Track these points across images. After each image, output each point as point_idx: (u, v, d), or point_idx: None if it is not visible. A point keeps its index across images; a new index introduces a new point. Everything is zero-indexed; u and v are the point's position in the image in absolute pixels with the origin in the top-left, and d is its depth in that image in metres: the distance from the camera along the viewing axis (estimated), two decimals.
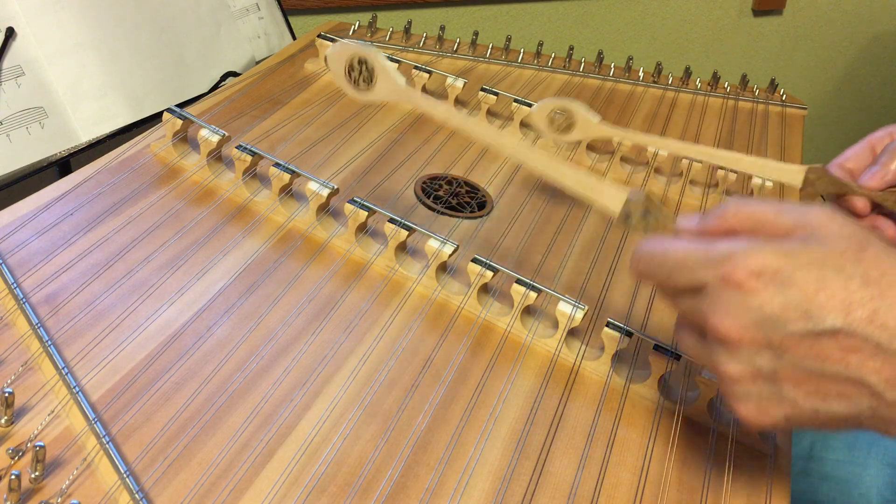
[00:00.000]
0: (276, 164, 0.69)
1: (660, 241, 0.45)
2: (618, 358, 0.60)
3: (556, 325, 0.61)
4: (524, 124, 0.90)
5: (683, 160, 0.85)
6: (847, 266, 0.39)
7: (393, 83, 0.55)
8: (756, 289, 0.40)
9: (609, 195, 0.50)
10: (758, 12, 1.64)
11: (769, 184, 0.83)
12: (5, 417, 0.48)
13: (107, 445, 0.47)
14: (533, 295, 0.61)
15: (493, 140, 0.55)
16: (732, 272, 0.40)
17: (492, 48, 1.06)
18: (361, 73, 0.55)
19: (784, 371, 0.41)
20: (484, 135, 0.56)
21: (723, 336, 0.41)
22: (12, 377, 0.51)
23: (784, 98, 1.12)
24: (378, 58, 0.54)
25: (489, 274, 0.62)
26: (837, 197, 0.64)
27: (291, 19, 1.05)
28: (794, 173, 0.65)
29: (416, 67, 0.91)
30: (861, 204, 0.64)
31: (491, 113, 0.90)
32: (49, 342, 0.53)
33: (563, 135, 0.71)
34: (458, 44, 1.06)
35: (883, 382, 0.40)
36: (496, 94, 0.89)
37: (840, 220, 0.42)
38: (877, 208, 0.64)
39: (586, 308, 0.60)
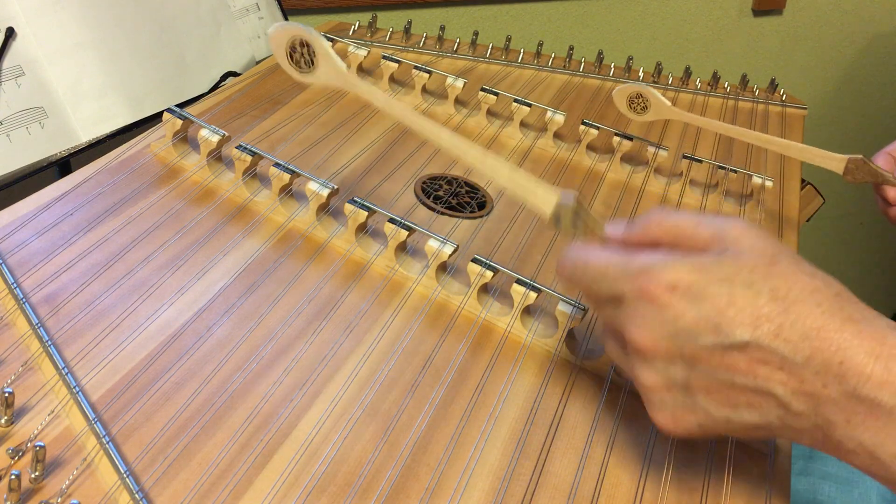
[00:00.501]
0: (276, 164, 0.69)
1: (584, 250, 0.47)
2: None
3: (556, 325, 0.61)
4: (524, 124, 0.90)
5: (683, 160, 0.85)
6: (757, 281, 0.41)
7: (334, 67, 0.55)
8: (670, 303, 0.42)
9: (541, 196, 0.51)
10: (758, 12, 1.64)
11: (769, 183, 0.83)
12: (5, 417, 0.48)
13: (107, 445, 0.47)
14: (533, 295, 0.61)
15: (429, 132, 0.55)
16: (648, 285, 0.42)
17: (492, 48, 1.06)
18: (303, 55, 0.56)
19: (696, 381, 0.43)
20: (420, 126, 0.56)
21: (639, 347, 0.43)
22: (12, 377, 0.51)
23: (784, 98, 1.12)
24: (319, 40, 0.55)
25: (489, 274, 0.62)
26: (875, 185, 0.69)
27: (291, 19, 1.05)
28: (836, 161, 0.71)
29: (415, 67, 0.91)
30: (893, 194, 0.69)
31: (491, 113, 0.90)
32: (49, 342, 0.53)
33: (640, 116, 0.81)
34: (458, 44, 1.06)
35: (789, 394, 0.41)
36: (496, 94, 0.89)
37: (754, 234, 0.43)
38: None
39: (586, 308, 0.60)
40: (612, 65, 1.09)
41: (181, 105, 0.80)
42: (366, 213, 0.66)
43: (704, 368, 0.42)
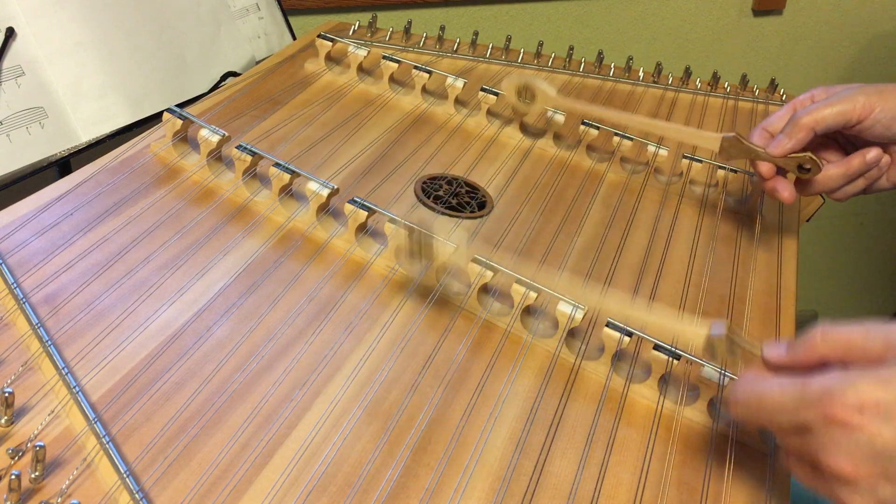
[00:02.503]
0: (276, 164, 0.69)
1: (753, 383, 0.46)
2: (618, 358, 0.60)
3: (556, 325, 0.61)
4: (524, 124, 0.90)
5: (683, 160, 0.85)
6: None
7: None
8: (862, 424, 0.41)
9: (690, 333, 0.52)
10: (758, 12, 1.63)
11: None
12: (5, 417, 0.48)
13: (107, 445, 0.47)
14: (533, 295, 0.61)
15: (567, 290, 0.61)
16: (834, 411, 0.41)
17: (492, 48, 1.06)
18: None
19: None
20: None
21: (840, 474, 0.42)
22: (12, 377, 0.51)
23: (784, 98, 1.12)
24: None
25: (489, 274, 0.62)
26: (751, 162, 0.72)
27: (291, 19, 1.05)
28: (712, 140, 0.74)
29: (415, 67, 0.91)
30: (765, 168, 0.71)
31: (491, 113, 0.90)
32: (49, 342, 0.53)
33: (528, 106, 0.84)
34: (458, 44, 1.06)
35: None
36: (496, 94, 0.89)
37: None
38: (780, 172, 0.71)
39: (586, 308, 0.60)
40: (612, 65, 1.09)
41: (181, 105, 0.80)
42: (366, 213, 0.66)
43: None
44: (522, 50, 1.07)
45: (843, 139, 0.73)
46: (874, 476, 0.41)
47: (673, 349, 0.58)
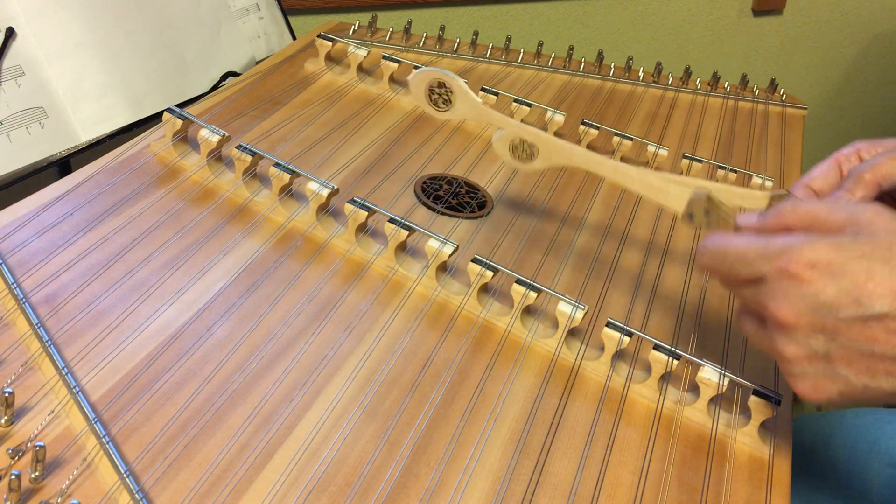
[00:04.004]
0: (276, 164, 0.69)
1: (721, 238, 0.49)
2: (618, 358, 0.60)
3: (556, 325, 0.61)
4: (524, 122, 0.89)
5: (683, 160, 0.85)
6: (893, 258, 0.43)
7: (470, 103, 0.60)
8: (811, 279, 0.44)
9: (673, 195, 0.55)
10: (758, 12, 1.64)
11: (769, 183, 0.83)
12: (5, 417, 0.48)
13: (107, 445, 0.47)
14: (533, 295, 0.61)
15: (554, 145, 0.59)
16: (789, 264, 0.44)
17: (492, 48, 1.06)
18: (441, 95, 0.60)
19: (837, 352, 0.45)
20: (549, 142, 0.60)
21: (781, 321, 0.45)
22: (12, 377, 0.51)
23: (784, 98, 1.12)
24: (456, 80, 0.59)
25: (489, 274, 0.62)
26: None
27: (291, 19, 1.05)
28: (759, 199, 0.65)
29: (416, 67, 0.91)
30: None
31: None
32: (49, 342, 0.53)
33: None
34: (458, 44, 1.06)
35: None
36: (496, 94, 0.89)
37: (888, 216, 0.45)
38: None
39: (586, 308, 0.60)
40: (612, 65, 1.09)
41: (181, 105, 0.80)
42: (366, 213, 0.66)
43: (844, 340, 0.44)
44: (522, 50, 1.07)
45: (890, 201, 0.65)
46: (812, 327, 0.44)
47: (673, 349, 0.58)
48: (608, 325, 0.59)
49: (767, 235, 0.47)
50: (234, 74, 0.94)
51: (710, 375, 0.57)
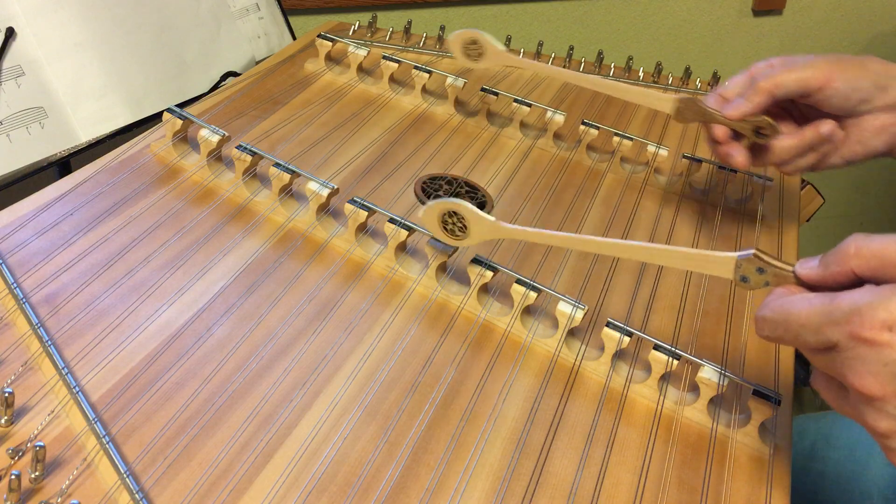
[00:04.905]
0: (276, 164, 0.69)
1: (780, 303, 0.44)
2: (618, 358, 0.60)
3: (556, 325, 0.61)
4: (524, 124, 0.90)
5: (683, 160, 0.85)
6: None
7: (486, 227, 0.58)
8: (889, 342, 0.39)
9: (718, 263, 0.50)
10: (758, 12, 1.63)
11: (769, 184, 0.83)
12: (5, 417, 0.48)
13: (107, 445, 0.47)
14: (533, 295, 0.61)
15: (591, 243, 0.57)
16: (861, 329, 0.40)
17: None
18: (455, 223, 0.59)
19: None
20: (575, 241, 0.57)
21: (864, 394, 0.41)
22: (12, 377, 0.51)
23: None
24: (466, 208, 0.58)
25: (489, 274, 0.62)
26: (705, 125, 0.70)
27: (291, 19, 1.05)
28: (667, 102, 0.72)
29: (415, 67, 0.91)
30: (720, 132, 0.69)
31: (491, 113, 0.90)
32: (49, 342, 0.53)
33: (475, 62, 0.79)
34: None
35: None
36: (496, 94, 0.89)
37: None
38: (736, 136, 0.69)
39: (586, 308, 0.60)
40: (612, 65, 1.09)
41: (181, 105, 0.80)
42: (366, 213, 0.66)
43: None
44: (522, 50, 1.07)
45: (797, 112, 0.72)
46: None
47: (673, 349, 0.58)
48: (608, 325, 0.59)
49: (831, 295, 0.42)
50: (234, 74, 0.94)
51: (710, 375, 0.57)
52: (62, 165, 0.81)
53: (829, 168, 0.72)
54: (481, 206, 0.77)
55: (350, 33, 1.02)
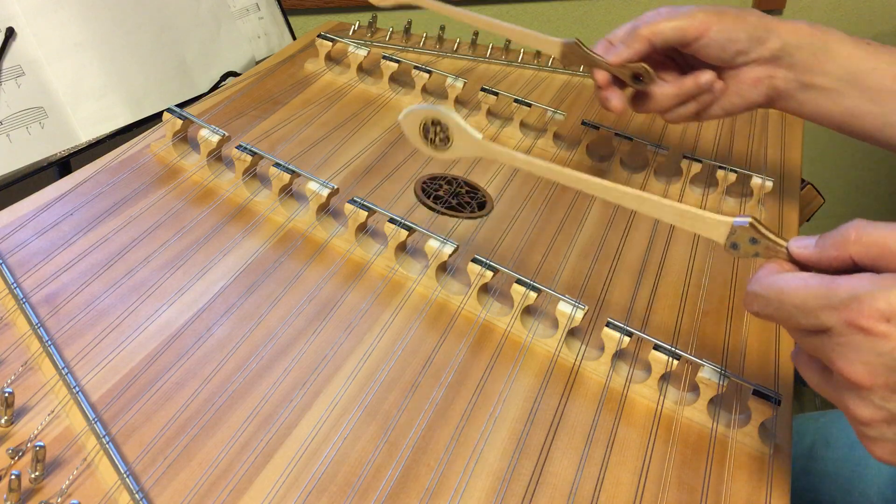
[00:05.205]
0: (276, 164, 0.69)
1: (774, 279, 0.43)
2: (618, 358, 0.60)
3: (556, 325, 0.61)
4: (524, 124, 0.90)
5: (683, 160, 0.85)
6: None
7: (470, 139, 0.55)
8: (887, 333, 0.39)
9: (711, 224, 0.48)
10: None
11: (769, 183, 0.83)
12: (5, 417, 0.48)
13: (107, 445, 0.47)
14: (533, 295, 0.61)
15: (579, 181, 0.55)
16: (859, 317, 0.39)
17: (492, 48, 1.06)
18: (437, 133, 0.56)
19: None
20: (562, 174, 0.55)
21: (852, 381, 0.41)
22: (12, 377, 0.51)
23: None
24: (451, 117, 0.55)
25: (489, 274, 0.62)
26: (590, 69, 0.72)
27: (291, 19, 1.05)
28: (553, 45, 0.73)
29: (416, 67, 0.91)
30: (601, 76, 0.71)
31: (491, 113, 0.90)
32: (49, 342, 0.53)
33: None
34: (458, 44, 1.06)
35: None
36: (496, 94, 0.89)
37: None
38: (616, 81, 0.71)
39: (586, 308, 0.60)
40: None
41: (181, 105, 0.80)
42: (366, 213, 0.66)
43: None
44: (522, 50, 1.07)
45: (682, 61, 0.73)
46: (889, 388, 0.40)
47: (673, 349, 0.58)
48: (608, 325, 0.59)
49: (829, 277, 0.41)
50: (234, 74, 0.94)
51: (710, 375, 0.57)
52: (62, 165, 0.81)
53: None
54: (481, 205, 0.77)
55: (350, 33, 1.02)
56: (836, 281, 0.41)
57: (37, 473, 0.45)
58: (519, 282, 0.62)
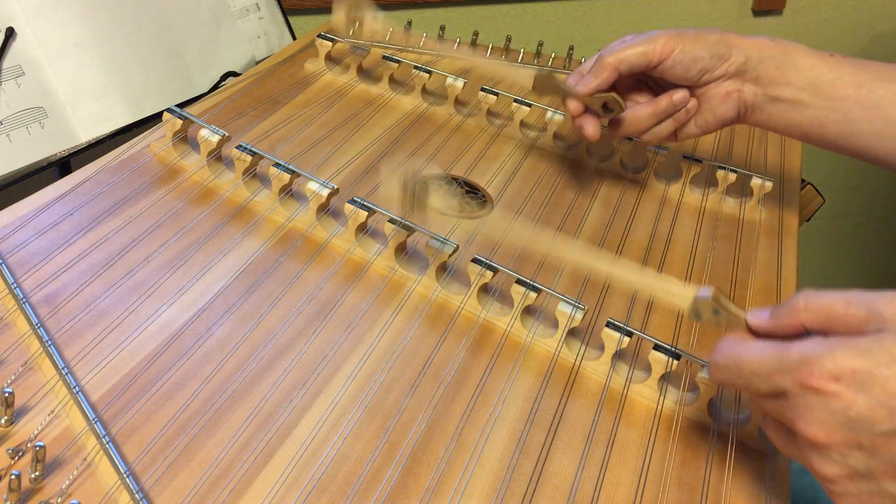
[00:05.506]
0: (276, 164, 0.69)
1: (732, 348, 0.46)
2: (618, 358, 0.60)
3: (556, 325, 0.61)
4: (524, 124, 0.90)
5: (683, 160, 0.85)
6: None
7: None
8: (837, 392, 0.41)
9: (677, 294, 0.51)
10: (758, 12, 1.63)
11: (769, 184, 0.83)
12: (5, 417, 0.48)
13: (107, 445, 0.47)
14: (533, 295, 0.61)
15: (551, 248, 0.58)
16: (810, 378, 0.41)
17: (492, 48, 1.06)
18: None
19: (879, 468, 0.42)
20: (540, 243, 0.59)
21: (812, 441, 0.42)
22: (12, 377, 0.51)
23: None
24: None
25: (489, 274, 0.62)
26: (562, 99, 0.74)
27: (291, 19, 1.05)
28: (525, 77, 0.76)
29: (415, 67, 0.91)
30: (573, 106, 0.73)
31: (491, 113, 0.90)
32: (49, 342, 0.53)
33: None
34: (458, 44, 1.06)
35: None
36: (496, 94, 0.89)
37: None
38: (587, 110, 0.73)
39: (586, 308, 0.60)
40: None
41: (181, 105, 0.80)
42: (366, 213, 0.66)
43: (886, 455, 0.41)
44: (522, 50, 1.07)
45: (653, 84, 0.75)
46: (847, 444, 0.41)
47: (673, 349, 0.58)
48: (608, 325, 0.59)
49: (782, 344, 0.44)
50: (234, 74, 0.94)
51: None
52: (62, 165, 0.82)
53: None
54: (481, 206, 0.77)
55: (350, 33, 1.02)
56: (788, 346, 0.43)
57: (37, 473, 0.45)
58: (519, 282, 0.62)
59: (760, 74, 0.70)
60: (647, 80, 0.75)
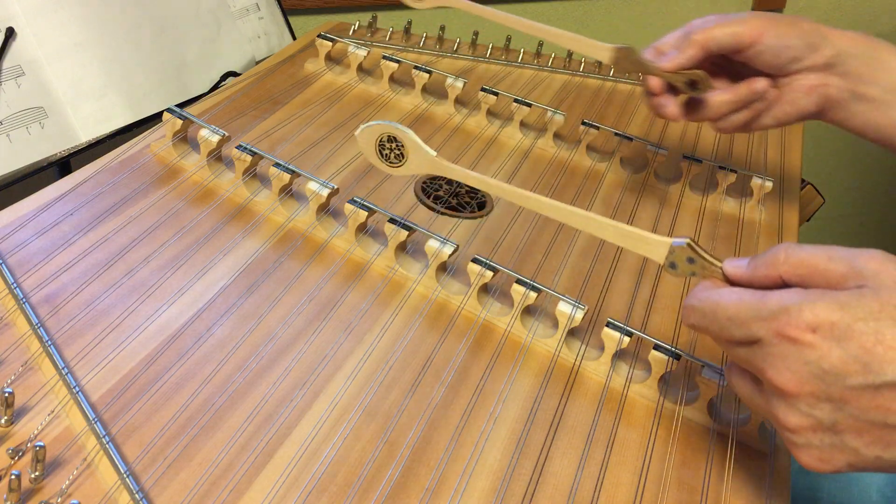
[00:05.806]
0: (276, 164, 0.69)
1: (709, 293, 0.46)
2: (618, 358, 0.60)
3: (556, 325, 0.61)
4: (524, 124, 0.90)
5: (683, 160, 0.85)
6: None
7: (425, 156, 0.56)
8: (813, 343, 0.41)
9: (652, 244, 0.50)
10: None
11: (769, 184, 0.83)
12: (5, 417, 0.48)
13: (107, 445, 0.47)
14: (533, 295, 0.61)
15: (526, 199, 0.56)
16: (787, 327, 0.41)
17: (492, 48, 1.06)
18: (393, 150, 0.56)
19: (845, 422, 0.42)
20: (515, 195, 0.56)
21: (781, 389, 0.42)
22: (12, 377, 0.51)
23: None
24: (407, 133, 0.55)
25: (489, 274, 0.62)
26: (643, 76, 0.71)
27: (291, 19, 1.05)
28: (605, 51, 0.72)
29: (416, 67, 0.91)
30: (655, 83, 0.70)
31: (491, 113, 0.90)
32: (49, 342, 0.53)
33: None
34: (458, 44, 1.06)
35: None
36: (496, 94, 0.89)
37: (892, 266, 0.42)
38: (670, 88, 0.70)
39: (586, 308, 0.60)
40: None
41: (181, 105, 0.80)
42: (366, 213, 0.66)
43: (853, 409, 0.41)
44: (522, 50, 1.07)
45: (733, 71, 0.72)
46: (815, 395, 0.41)
47: (673, 349, 0.58)
48: (608, 325, 0.59)
49: (761, 292, 0.44)
50: (234, 74, 0.94)
51: (710, 375, 0.57)
52: (62, 165, 0.82)
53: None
54: (481, 205, 0.77)
55: (350, 33, 1.02)
56: (767, 295, 0.43)
57: (37, 473, 0.45)
58: (519, 282, 0.62)
59: (849, 70, 0.67)
60: (723, 64, 0.72)
